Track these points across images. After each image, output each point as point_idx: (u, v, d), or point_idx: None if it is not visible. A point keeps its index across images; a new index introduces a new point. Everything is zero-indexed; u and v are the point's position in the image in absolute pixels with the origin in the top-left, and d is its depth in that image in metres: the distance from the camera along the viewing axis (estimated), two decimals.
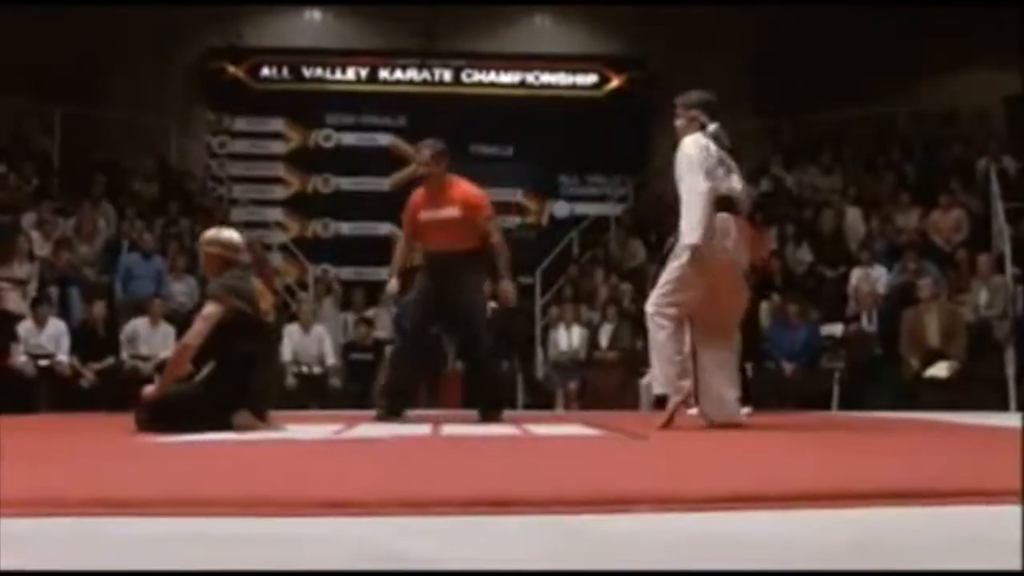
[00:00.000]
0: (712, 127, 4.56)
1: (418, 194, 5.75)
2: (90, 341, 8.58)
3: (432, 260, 5.62)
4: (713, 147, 4.48)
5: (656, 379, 4.55)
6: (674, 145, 4.59)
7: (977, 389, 7.94)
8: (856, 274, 9.51)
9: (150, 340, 8.70)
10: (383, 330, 9.97)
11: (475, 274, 5.67)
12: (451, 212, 5.56)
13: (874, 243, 10.04)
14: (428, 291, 5.56)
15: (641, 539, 1.57)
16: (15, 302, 8.91)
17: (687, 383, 4.43)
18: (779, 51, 12.11)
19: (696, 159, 4.43)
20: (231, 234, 4.61)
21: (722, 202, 4.43)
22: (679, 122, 4.66)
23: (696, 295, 4.42)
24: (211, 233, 4.61)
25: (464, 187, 5.71)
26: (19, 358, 8.30)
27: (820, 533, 1.61)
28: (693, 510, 1.76)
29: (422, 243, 5.72)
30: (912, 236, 10.03)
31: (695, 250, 4.32)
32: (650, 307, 4.50)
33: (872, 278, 9.39)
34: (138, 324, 8.75)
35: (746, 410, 4.92)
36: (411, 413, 5.75)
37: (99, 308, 8.78)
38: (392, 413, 5.48)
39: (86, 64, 11.62)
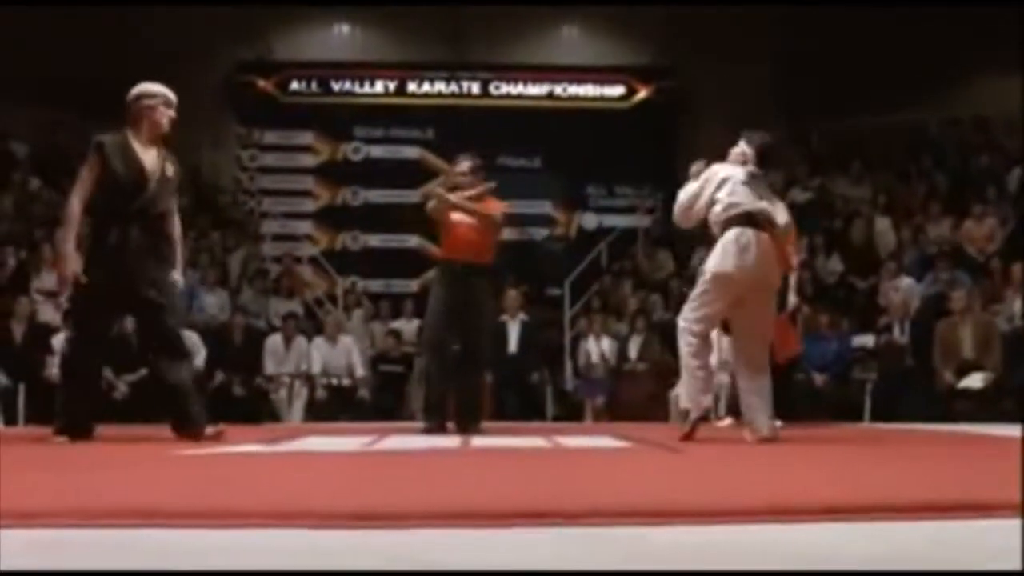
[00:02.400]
0: (751, 168, 4.69)
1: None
2: (123, 353, 8.65)
3: (451, 269, 5.71)
4: (743, 173, 4.60)
5: (681, 393, 4.65)
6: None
7: (1012, 400, 7.83)
8: (885, 285, 9.43)
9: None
10: (409, 343, 10.01)
11: (489, 288, 5.85)
12: (475, 220, 5.71)
13: (904, 253, 9.95)
14: (446, 301, 5.67)
15: (676, 551, 1.56)
16: (49, 314, 9.03)
17: (706, 399, 4.55)
18: (807, 59, 12.05)
19: (714, 178, 4.60)
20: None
21: (746, 217, 4.47)
22: (734, 150, 4.82)
23: (721, 310, 4.55)
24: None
25: (493, 201, 5.89)
26: (53, 370, 8.40)
27: (852, 545, 1.60)
28: (727, 522, 1.75)
29: (445, 247, 5.80)
30: (944, 246, 9.94)
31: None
32: (680, 321, 4.63)
33: (900, 289, 9.30)
34: None
35: (776, 423, 4.91)
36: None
37: (132, 321, 8.84)
38: (441, 427, 5.58)
39: (118, 78, 11.74)
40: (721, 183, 4.56)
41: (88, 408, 4.59)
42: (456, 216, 5.71)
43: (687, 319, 4.56)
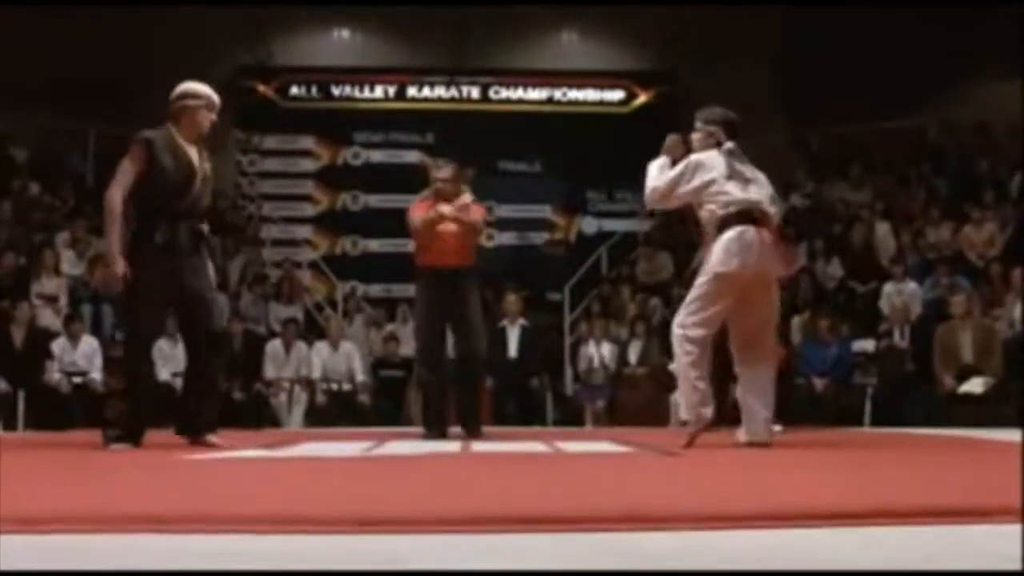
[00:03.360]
0: (728, 145, 4.53)
1: (428, 205, 5.84)
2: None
3: (434, 275, 5.73)
4: (723, 162, 4.46)
5: (680, 403, 4.55)
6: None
7: (1013, 405, 7.82)
8: (888, 289, 9.43)
9: (174, 358, 8.68)
10: (407, 347, 10.02)
11: (476, 290, 5.82)
12: (451, 226, 5.71)
13: (906, 258, 9.95)
14: (434, 306, 5.68)
15: (675, 556, 1.56)
16: (49, 319, 9.03)
17: (708, 411, 4.42)
18: (807, 63, 12.06)
19: (698, 169, 4.45)
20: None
21: (744, 215, 4.40)
22: (696, 136, 4.65)
23: (722, 311, 4.41)
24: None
25: (475, 206, 5.86)
26: (53, 375, 8.40)
27: (852, 550, 1.60)
28: (725, 528, 1.75)
29: (429, 254, 5.78)
30: (944, 251, 9.94)
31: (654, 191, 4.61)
32: (677, 328, 4.45)
33: (905, 293, 9.31)
34: (161, 344, 8.59)
35: (777, 427, 4.89)
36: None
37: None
38: (441, 435, 5.58)
39: (118, 83, 11.78)
40: (707, 183, 4.42)
41: (148, 412, 4.53)
42: (437, 225, 5.72)
43: (684, 324, 4.41)
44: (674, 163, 4.62)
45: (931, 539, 1.70)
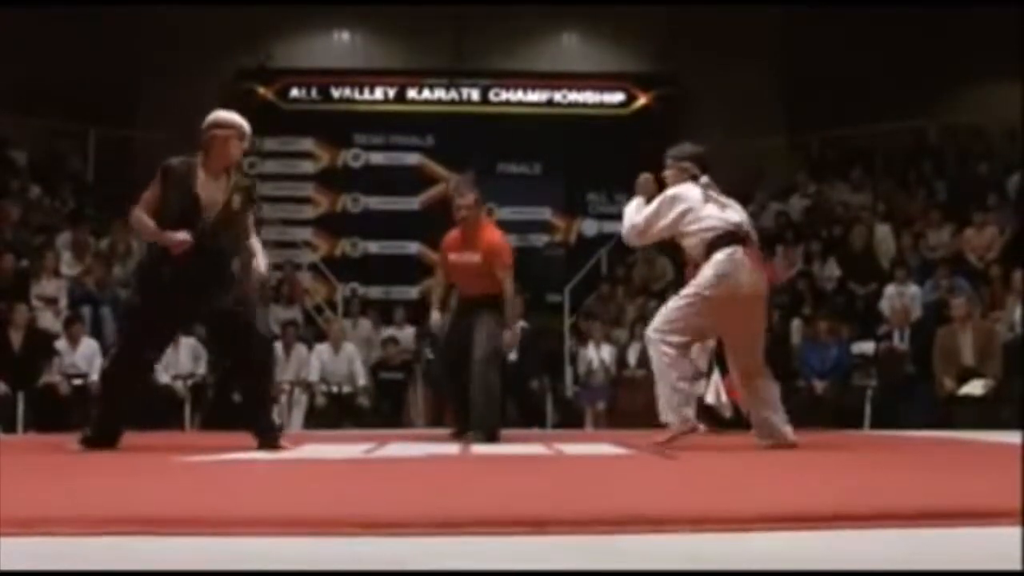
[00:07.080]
0: (703, 179, 4.64)
1: (453, 235, 5.88)
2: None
3: (461, 302, 5.91)
4: (698, 191, 4.56)
5: (660, 406, 4.56)
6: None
7: (1013, 407, 7.82)
8: (889, 291, 9.43)
9: (176, 362, 8.69)
10: (409, 351, 10.03)
11: (492, 311, 5.76)
12: (474, 257, 5.70)
13: (907, 260, 9.95)
14: (455, 330, 5.82)
15: (675, 559, 1.56)
16: (48, 321, 9.03)
17: (690, 411, 4.47)
18: (807, 66, 12.06)
19: (674, 202, 4.54)
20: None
21: (730, 236, 4.45)
22: (668, 173, 4.75)
23: (703, 326, 4.50)
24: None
25: (491, 233, 5.86)
26: (54, 377, 8.39)
27: (851, 552, 1.60)
28: (725, 530, 1.75)
29: (453, 284, 5.94)
30: (944, 253, 9.94)
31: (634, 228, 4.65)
32: (651, 332, 4.50)
33: (906, 296, 9.31)
34: None
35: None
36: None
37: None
38: (461, 433, 5.74)
39: (119, 86, 11.78)
40: (683, 213, 4.50)
41: (118, 421, 4.57)
42: (453, 256, 5.75)
43: (662, 330, 4.45)
44: (648, 201, 4.70)
45: (931, 541, 1.70)
